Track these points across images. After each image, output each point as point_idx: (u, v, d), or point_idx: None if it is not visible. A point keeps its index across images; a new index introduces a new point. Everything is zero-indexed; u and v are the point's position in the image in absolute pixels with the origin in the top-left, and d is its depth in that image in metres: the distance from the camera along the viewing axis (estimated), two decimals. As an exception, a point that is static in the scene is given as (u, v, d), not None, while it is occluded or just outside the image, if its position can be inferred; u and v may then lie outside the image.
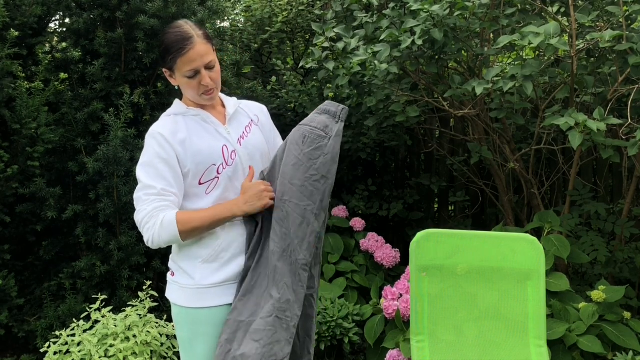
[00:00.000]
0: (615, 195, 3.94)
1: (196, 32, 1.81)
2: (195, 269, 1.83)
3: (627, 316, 2.86)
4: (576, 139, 2.54)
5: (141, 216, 1.78)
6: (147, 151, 1.83)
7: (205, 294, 1.82)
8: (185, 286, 1.85)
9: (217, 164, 1.82)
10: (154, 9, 3.41)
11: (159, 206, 1.76)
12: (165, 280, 2.00)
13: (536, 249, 2.28)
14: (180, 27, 1.82)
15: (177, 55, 1.79)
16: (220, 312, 1.83)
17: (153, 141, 1.82)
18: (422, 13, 2.89)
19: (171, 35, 1.81)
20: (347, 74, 3.17)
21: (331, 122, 1.82)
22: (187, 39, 1.79)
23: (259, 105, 2.09)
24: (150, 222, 1.76)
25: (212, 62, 1.83)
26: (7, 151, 3.27)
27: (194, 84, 1.83)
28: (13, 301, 3.27)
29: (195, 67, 1.79)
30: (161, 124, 1.86)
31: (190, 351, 1.86)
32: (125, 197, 3.28)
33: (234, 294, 1.83)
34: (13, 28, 3.30)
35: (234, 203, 1.81)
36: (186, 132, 1.84)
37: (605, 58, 3.03)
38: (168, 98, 3.56)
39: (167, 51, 1.81)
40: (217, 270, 1.83)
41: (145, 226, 1.77)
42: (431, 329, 2.30)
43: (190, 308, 1.84)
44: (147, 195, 1.78)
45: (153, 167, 1.80)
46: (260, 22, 4.39)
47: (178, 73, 1.83)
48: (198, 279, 1.83)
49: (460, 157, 4.26)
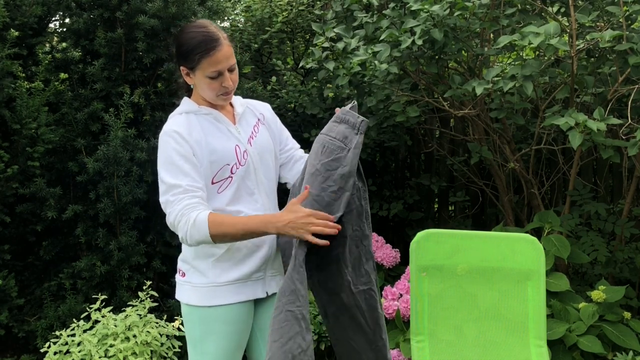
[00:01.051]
0: (615, 195, 3.94)
1: (222, 34, 1.81)
2: (208, 268, 1.84)
3: (627, 316, 2.87)
4: (576, 139, 2.54)
5: (172, 217, 1.74)
6: (164, 150, 1.79)
7: (219, 292, 1.84)
8: (198, 285, 1.85)
9: (231, 163, 1.83)
10: (154, 9, 3.41)
11: (189, 204, 1.73)
12: (165, 281, 2.01)
13: (536, 249, 2.28)
14: (206, 27, 1.82)
15: (204, 56, 1.77)
16: (233, 310, 1.84)
17: (169, 139, 1.79)
18: (422, 13, 2.89)
19: (198, 34, 1.79)
20: (347, 74, 3.17)
21: (350, 133, 1.77)
22: (215, 40, 1.78)
23: (263, 103, 2.10)
24: (182, 220, 1.72)
25: (234, 65, 1.84)
26: (7, 151, 3.27)
27: (215, 85, 1.82)
28: (13, 301, 3.27)
29: (220, 69, 1.79)
30: (175, 122, 1.84)
31: (201, 349, 1.87)
32: (125, 197, 3.28)
33: (247, 293, 1.86)
34: (13, 28, 3.30)
35: (269, 221, 1.72)
36: (201, 131, 1.83)
37: (605, 58, 3.03)
38: (168, 98, 3.56)
39: (192, 50, 1.79)
40: (230, 268, 1.84)
41: (179, 225, 1.74)
42: (431, 329, 2.30)
43: (203, 307, 1.84)
44: (174, 195, 1.75)
45: (174, 164, 1.76)
46: (260, 22, 4.39)
47: (200, 73, 1.81)
48: (212, 277, 1.84)
49: (460, 157, 4.25)
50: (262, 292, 1.90)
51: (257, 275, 1.88)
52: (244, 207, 1.85)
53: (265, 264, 1.89)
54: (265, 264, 1.89)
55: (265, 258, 1.88)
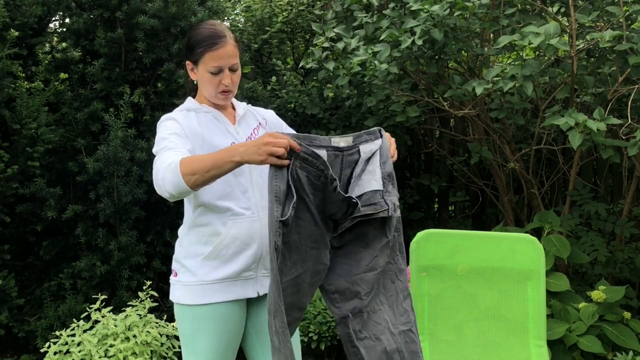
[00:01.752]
0: (615, 195, 3.94)
1: (228, 34, 1.87)
2: (197, 266, 1.85)
3: (627, 316, 2.87)
4: (576, 139, 2.54)
5: (155, 172, 1.72)
6: (160, 133, 1.82)
7: (208, 290, 1.84)
8: (188, 284, 1.87)
9: None
10: (154, 9, 3.41)
11: (169, 156, 1.72)
12: (165, 281, 2.01)
13: (536, 249, 2.28)
14: (215, 25, 1.89)
15: (207, 49, 1.83)
16: (222, 308, 1.84)
17: (168, 122, 1.84)
18: (422, 13, 2.89)
19: (205, 30, 1.86)
20: (347, 74, 3.17)
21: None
22: (221, 36, 1.84)
23: (267, 110, 2.13)
24: (161, 167, 1.70)
25: (236, 66, 1.88)
26: (7, 151, 3.27)
27: (215, 81, 1.86)
28: (13, 301, 3.27)
29: (221, 65, 1.83)
30: (173, 113, 1.90)
31: (192, 347, 1.88)
32: (125, 197, 3.28)
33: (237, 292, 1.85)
34: (13, 28, 3.30)
35: (235, 148, 1.67)
36: (198, 125, 1.87)
37: (605, 58, 3.03)
38: (168, 98, 3.56)
39: (198, 43, 1.85)
40: (219, 266, 1.84)
41: (157, 175, 1.71)
42: (431, 329, 2.30)
43: (193, 305, 1.85)
44: (160, 158, 1.74)
45: (165, 139, 1.79)
46: (260, 22, 4.39)
47: (202, 67, 1.85)
48: (201, 276, 1.85)
49: (460, 157, 4.25)
50: (253, 291, 1.89)
51: (247, 274, 1.88)
52: (235, 205, 1.85)
53: (256, 263, 1.88)
54: (256, 263, 1.88)
55: (255, 257, 1.88)
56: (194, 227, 1.87)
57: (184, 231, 1.92)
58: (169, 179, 1.67)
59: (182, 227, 1.94)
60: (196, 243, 1.86)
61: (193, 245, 1.87)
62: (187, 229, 1.90)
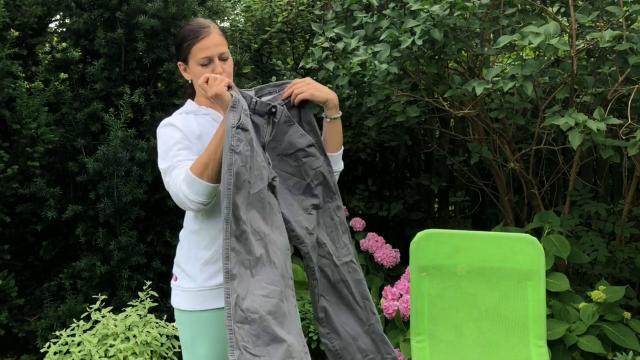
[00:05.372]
0: (615, 195, 3.94)
1: (212, 24, 1.88)
2: (197, 272, 1.85)
3: (627, 316, 2.86)
4: (576, 139, 2.54)
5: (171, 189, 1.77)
6: (163, 144, 1.83)
7: (207, 296, 1.84)
8: (188, 289, 1.86)
9: None
10: (154, 9, 3.41)
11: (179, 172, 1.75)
12: (165, 281, 2.01)
13: (536, 249, 2.28)
14: (197, 19, 1.91)
15: (192, 42, 1.83)
16: (221, 314, 1.82)
17: (168, 129, 1.84)
18: (422, 13, 2.89)
19: (187, 26, 1.88)
20: (347, 74, 3.17)
21: None
22: (204, 27, 1.85)
23: None
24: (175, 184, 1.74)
25: (226, 54, 1.87)
26: (7, 151, 3.27)
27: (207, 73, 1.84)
28: (13, 301, 3.27)
29: (209, 55, 1.83)
30: (172, 118, 1.89)
31: (192, 352, 1.87)
32: (125, 197, 3.28)
33: None
34: (13, 28, 3.30)
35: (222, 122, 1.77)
36: (197, 127, 1.86)
37: (605, 58, 3.03)
38: (168, 98, 3.56)
39: (183, 39, 1.85)
40: (218, 272, 1.83)
41: (174, 191, 1.75)
42: (431, 329, 2.30)
43: (192, 311, 1.85)
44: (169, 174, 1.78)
45: (168, 152, 1.80)
46: (260, 22, 4.39)
47: (192, 62, 1.85)
48: (200, 282, 1.84)
49: (460, 157, 4.25)
50: None
51: None
52: None
53: None
54: None
55: None
56: (193, 231, 1.87)
57: (184, 235, 1.92)
58: (192, 190, 1.70)
59: (182, 230, 1.94)
60: (196, 247, 1.86)
61: (193, 250, 1.86)
62: (187, 233, 1.90)
